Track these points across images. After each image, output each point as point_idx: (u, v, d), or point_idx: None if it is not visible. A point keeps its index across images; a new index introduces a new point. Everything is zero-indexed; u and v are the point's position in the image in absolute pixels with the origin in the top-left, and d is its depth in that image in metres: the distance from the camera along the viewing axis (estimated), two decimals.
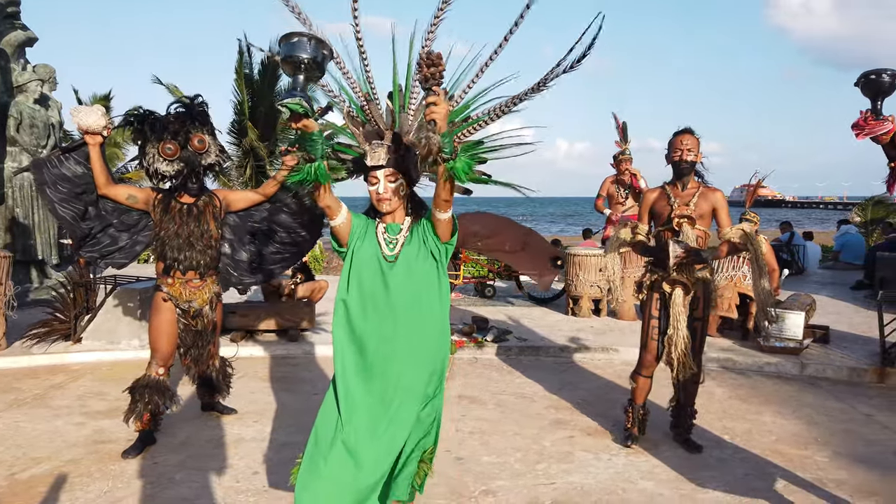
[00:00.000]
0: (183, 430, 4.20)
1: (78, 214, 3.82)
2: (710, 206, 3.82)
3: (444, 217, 2.30)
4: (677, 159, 3.83)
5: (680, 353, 3.82)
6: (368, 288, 2.37)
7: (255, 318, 6.52)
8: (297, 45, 2.04)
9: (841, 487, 3.48)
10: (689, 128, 3.88)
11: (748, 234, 3.79)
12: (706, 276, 3.87)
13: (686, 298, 3.84)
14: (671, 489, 3.45)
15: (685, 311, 3.84)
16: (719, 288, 6.69)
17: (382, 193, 2.35)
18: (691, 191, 3.85)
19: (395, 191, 2.36)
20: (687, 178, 3.86)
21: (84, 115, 3.64)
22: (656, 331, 3.95)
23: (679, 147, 3.82)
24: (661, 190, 3.96)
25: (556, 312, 8.23)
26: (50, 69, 9.07)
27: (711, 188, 3.88)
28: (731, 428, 4.36)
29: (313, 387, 5.24)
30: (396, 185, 2.36)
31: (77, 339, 6.06)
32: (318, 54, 2.05)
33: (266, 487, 3.44)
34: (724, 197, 3.88)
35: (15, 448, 3.88)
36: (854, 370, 5.58)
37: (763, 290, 3.85)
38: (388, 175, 2.35)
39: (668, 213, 3.84)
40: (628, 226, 4.00)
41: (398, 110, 2.46)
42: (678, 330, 3.82)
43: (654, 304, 3.94)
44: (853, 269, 12.34)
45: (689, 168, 3.82)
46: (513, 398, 4.99)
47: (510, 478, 3.57)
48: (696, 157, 3.82)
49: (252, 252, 4.25)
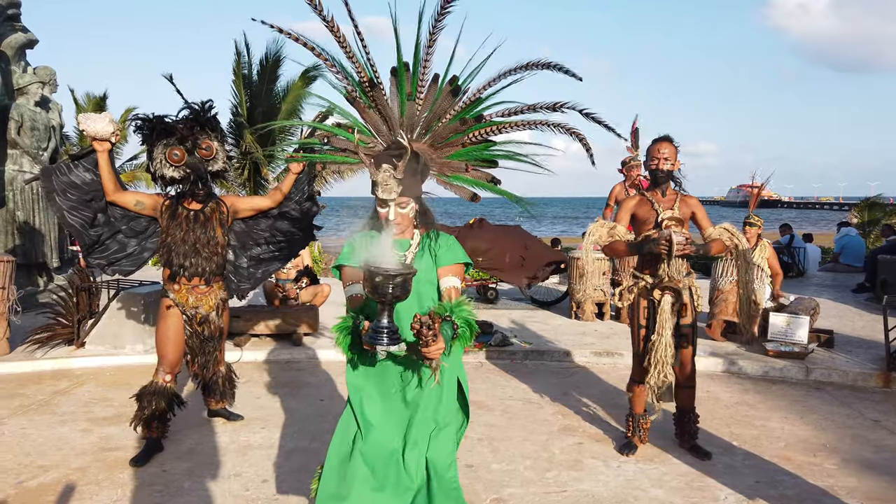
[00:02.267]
0: (190, 437, 4.18)
1: (87, 221, 3.81)
2: (689, 210, 3.94)
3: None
4: (654, 168, 3.91)
5: (659, 358, 3.84)
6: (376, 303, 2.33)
7: (258, 322, 6.51)
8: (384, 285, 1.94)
9: (852, 494, 3.48)
10: (667, 136, 3.96)
11: (731, 232, 3.90)
12: (692, 282, 3.94)
13: (674, 306, 3.87)
14: (682, 497, 3.45)
15: (672, 319, 3.88)
16: (723, 292, 6.70)
17: (393, 220, 2.28)
18: (671, 196, 3.95)
19: (405, 217, 2.31)
20: (665, 185, 3.94)
21: (92, 122, 3.63)
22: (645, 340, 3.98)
23: (656, 156, 3.90)
24: (641, 197, 4.03)
25: (560, 316, 8.23)
26: (50, 71, 9.04)
27: (688, 195, 4.00)
28: (739, 434, 4.36)
29: (318, 392, 5.23)
30: (407, 210, 2.30)
31: (80, 344, 6.03)
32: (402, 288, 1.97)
33: (276, 495, 3.42)
34: (699, 202, 4.04)
35: (23, 456, 3.86)
36: (860, 375, 5.59)
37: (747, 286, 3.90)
38: (399, 203, 2.28)
39: (654, 218, 3.91)
40: (605, 226, 4.00)
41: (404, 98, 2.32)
42: (662, 336, 3.86)
43: (642, 313, 3.97)
44: (853, 271, 12.36)
45: (666, 177, 3.91)
46: (520, 404, 4.99)
47: (521, 485, 3.56)
48: (673, 165, 3.90)
49: (251, 258, 4.24)
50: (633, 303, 4.00)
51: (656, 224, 3.89)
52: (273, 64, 15.92)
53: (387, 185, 2.23)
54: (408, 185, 2.27)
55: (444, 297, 2.29)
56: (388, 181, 2.23)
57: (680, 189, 4.00)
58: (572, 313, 8.06)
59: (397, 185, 2.23)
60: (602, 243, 3.97)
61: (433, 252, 2.36)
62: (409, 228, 2.38)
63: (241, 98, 15.85)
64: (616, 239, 3.95)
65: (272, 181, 16.04)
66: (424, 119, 2.38)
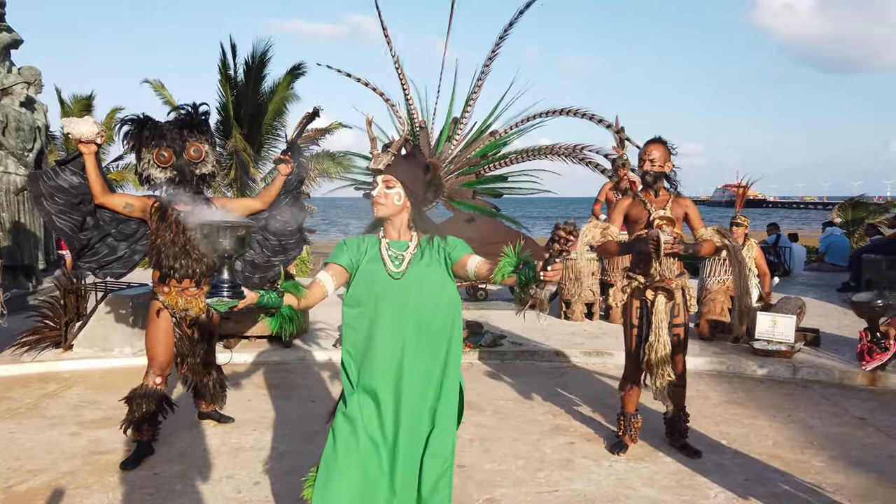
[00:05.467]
0: (181, 439, 4.16)
1: (76, 225, 3.78)
2: (682, 210, 3.97)
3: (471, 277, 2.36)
4: (645, 170, 3.95)
5: (659, 359, 3.87)
6: (373, 307, 2.33)
7: (248, 323, 6.48)
8: (216, 238, 2.05)
9: (840, 492, 3.52)
10: (659, 137, 3.99)
11: (722, 232, 3.93)
12: (685, 282, 3.98)
13: (668, 305, 3.89)
14: (673, 496, 3.48)
15: (667, 318, 3.90)
16: (711, 291, 6.76)
17: (376, 196, 2.35)
18: (664, 197, 3.98)
19: (389, 197, 2.34)
20: (657, 186, 3.97)
21: (76, 125, 3.61)
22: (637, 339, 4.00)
23: (644, 158, 3.95)
24: (634, 197, 4.07)
25: (549, 316, 8.25)
26: (35, 71, 8.96)
27: (681, 196, 4.03)
28: (728, 433, 4.40)
29: (309, 393, 5.22)
30: (393, 192, 2.34)
31: (68, 347, 5.99)
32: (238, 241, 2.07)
33: (269, 498, 3.42)
34: (693, 203, 4.08)
35: (11, 460, 3.83)
36: (845, 373, 5.64)
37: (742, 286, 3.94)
38: (386, 181, 2.34)
39: (646, 218, 3.95)
40: (598, 227, 4.03)
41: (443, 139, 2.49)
42: (659, 337, 3.88)
43: (635, 313, 4.00)
44: (838, 270, 12.50)
45: (654, 178, 3.94)
46: (511, 404, 5.00)
47: (513, 486, 3.58)
48: (664, 166, 3.93)
49: (245, 262, 4.23)
50: (626, 302, 4.03)
51: (648, 224, 3.92)
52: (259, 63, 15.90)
53: (378, 157, 2.35)
54: (402, 169, 2.35)
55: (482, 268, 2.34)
56: (380, 155, 2.35)
57: (674, 190, 4.04)
58: (562, 313, 8.09)
59: (388, 158, 2.33)
60: (595, 244, 4.00)
61: (443, 254, 2.39)
62: (404, 228, 2.40)
63: (227, 97, 15.80)
64: (609, 239, 3.98)
65: (260, 182, 16.00)
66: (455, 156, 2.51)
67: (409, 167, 2.38)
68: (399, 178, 2.34)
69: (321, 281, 2.34)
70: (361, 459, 2.28)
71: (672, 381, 3.92)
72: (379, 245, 2.39)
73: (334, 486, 2.26)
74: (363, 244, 2.41)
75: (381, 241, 2.40)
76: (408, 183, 2.35)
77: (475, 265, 2.35)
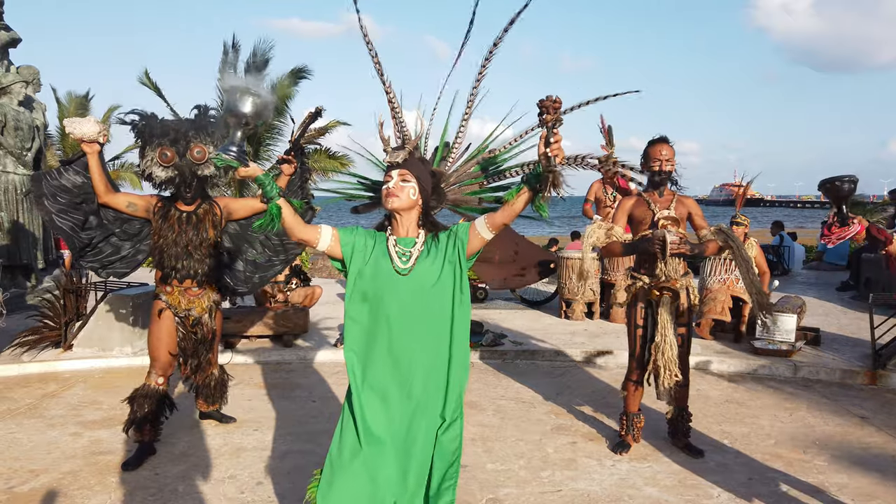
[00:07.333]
0: (182, 439, 4.15)
1: (77, 225, 3.77)
2: (686, 210, 3.96)
3: (489, 236, 2.35)
4: (657, 169, 3.92)
5: (667, 360, 3.87)
6: (379, 304, 2.33)
7: (249, 323, 6.47)
8: (243, 100, 2.17)
9: (842, 491, 3.52)
10: (665, 137, 3.98)
11: (726, 231, 3.92)
12: (689, 282, 3.97)
13: (672, 305, 3.89)
14: (676, 495, 3.47)
15: (672, 319, 3.90)
16: (712, 291, 6.76)
17: (392, 188, 2.37)
18: (668, 197, 3.97)
19: (405, 190, 2.36)
20: (663, 186, 3.97)
21: (79, 125, 3.60)
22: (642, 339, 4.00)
23: (658, 157, 3.91)
24: (638, 197, 4.04)
25: (550, 315, 8.25)
26: (34, 70, 8.93)
27: (685, 195, 4.03)
28: (730, 432, 4.40)
29: (310, 393, 5.21)
30: (409, 186, 2.37)
31: (68, 347, 5.97)
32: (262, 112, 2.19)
33: (271, 498, 3.41)
34: (696, 202, 4.07)
35: (12, 460, 3.81)
36: (846, 372, 5.65)
37: (753, 281, 3.93)
38: (402, 174, 2.38)
39: (650, 218, 3.93)
40: (602, 227, 4.02)
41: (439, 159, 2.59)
42: (665, 337, 3.88)
43: (640, 313, 4.00)
44: (837, 269, 12.51)
45: (668, 177, 3.94)
46: (512, 403, 5.00)
47: (516, 485, 3.57)
48: (672, 166, 3.93)
49: (247, 261, 4.22)
50: (630, 302, 4.02)
51: (652, 224, 3.90)
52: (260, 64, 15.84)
53: (395, 154, 2.41)
54: (417, 166, 2.41)
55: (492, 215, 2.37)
56: (397, 151, 2.42)
57: (678, 189, 4.03)
58: (562, 313, 8.08)
59: (405, 153, 2.39)
60: (600, 244, 3.99)
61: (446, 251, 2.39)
62: (413, 225, 2.41)
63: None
64: (613, 240, 3.97)
65: None
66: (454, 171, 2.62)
67: (423, 167, 2.44)
68: (415, 174, 2.38)
69: (320, 228, 2.41)
70: (367, 460, 2.27)
71: (679, 381, 3.92)
72: (386, 242, 2.40)
73: (339, 487, 2.25)
74: (371, 239, 2.42)
75: (389, 237, 2.41)
76: (422, 180, 2.41)
77: (484, 220, 2.37)
